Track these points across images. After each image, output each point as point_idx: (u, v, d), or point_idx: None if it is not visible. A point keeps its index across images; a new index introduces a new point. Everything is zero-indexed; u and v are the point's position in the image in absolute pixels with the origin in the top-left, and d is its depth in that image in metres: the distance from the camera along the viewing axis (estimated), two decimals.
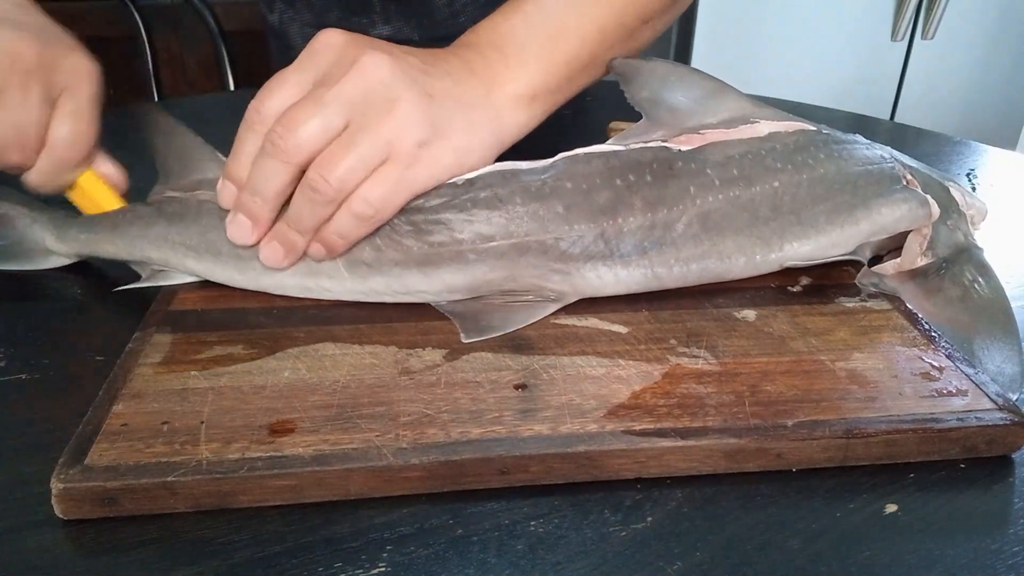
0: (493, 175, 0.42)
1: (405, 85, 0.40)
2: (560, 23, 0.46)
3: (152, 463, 0.31)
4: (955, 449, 0.34)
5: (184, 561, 0.29)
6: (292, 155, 0.38)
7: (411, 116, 0.39)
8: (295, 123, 0.38)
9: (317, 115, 0.38)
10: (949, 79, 1.63)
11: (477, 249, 0.41)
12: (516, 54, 0.45)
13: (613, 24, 0.47)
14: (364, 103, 0.39)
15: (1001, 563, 0.29)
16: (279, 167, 0.39)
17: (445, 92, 0.41)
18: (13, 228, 0.48)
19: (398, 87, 0.39)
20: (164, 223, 0.44)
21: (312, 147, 0.38)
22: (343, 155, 0.38)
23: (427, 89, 0.41)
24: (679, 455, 0.33)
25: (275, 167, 0.39)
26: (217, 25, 1.08)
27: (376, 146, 0.39)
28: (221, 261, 0.43)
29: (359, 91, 0.39)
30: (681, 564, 0.29)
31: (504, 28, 0.46)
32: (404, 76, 0.40)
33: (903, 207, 0.46)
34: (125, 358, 0.37)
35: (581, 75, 0.47)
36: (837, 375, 0.37)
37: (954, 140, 0.78)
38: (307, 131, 0.38)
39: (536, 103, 0.45)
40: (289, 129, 0.38)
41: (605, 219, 0.41)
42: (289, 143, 0.38)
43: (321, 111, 0.38)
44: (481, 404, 0.34)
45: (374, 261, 0.41)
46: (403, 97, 0.39)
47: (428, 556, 0.29)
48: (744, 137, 0.45)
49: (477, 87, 0.43)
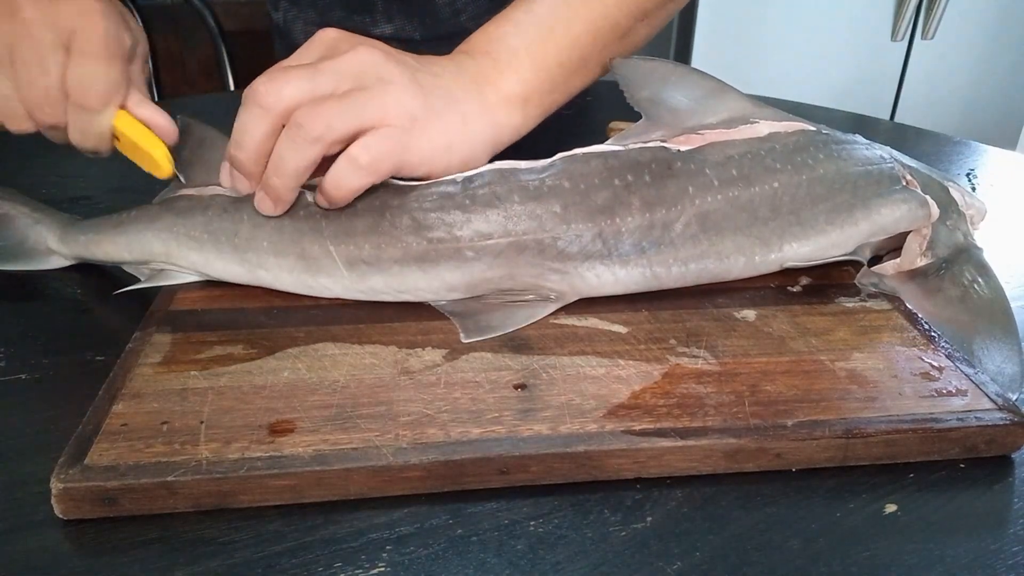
0: (492, 173, 0.42)
1: (398, 72, 0.41)
2: (551, 26, 0.46)
3: (152, 463, 0.31)
4: (955, 449, 0.34)
5: (184, 561, 0.29)
6: (272, 104, 0.38)
7: (404, 93, 0.40)
8: (280, 80, 0.39)
9: (304, 77, 0.39)
10: (949, 79, 1.63)
11: (475, 247, 0.41)
12: (507, 59, 0.45)
13: (607, 24, 0.48)
14: (357, 77, 0.40)
15: (1001, 563, 0.29)
16: (258, 115, 0.39)
17: (437, 87, 0.42)
18: (15, 229, 0.48)
19: (391, 70, 0.41)
20: (171, 216, 0.44)
21: (294, 99, 0.39)
22: (332, 104, 0.39)
23: (419, 81, 0.41)
24: (679, 455, 0.33)
25: (254, 116, 0.39)
26: (217, 25, 1.08)
27: (367, 107, 0.39)
28: (222, 252, 0.43)
29: (353, 68, 0.40)
30: (681, 564, 0.29)
31: (496, 35, 0.46)
32: (397, 64, 0.41)
33: (903, 207, 0.46)
34: (125, 358, 0.37)
35: (575, 76, 0.48)
36: (837, 375, 0.37)
37: (954, 140, 0.78)
38: (291, 86, 0.39)
39: (530, 105, 0.46)
40: (273, 82, 0.39)
41: (603, 219, 0.41)
42: (271, 95, 0.38)
43: (311, 74, 0.39)
44: (481, 404, 0.34)
45: (373, 259, 0.41)
46: (395, 80, 0.40)
47: (428, 556, 0.29)
48: (743, 137, 0.45)
49: (469, 87, 0.44)
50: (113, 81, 0.44)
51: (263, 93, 0.39)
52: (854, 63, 1.56)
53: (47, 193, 0.49)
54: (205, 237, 0.43)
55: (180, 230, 0.44)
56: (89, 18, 0.43)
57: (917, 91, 1.62)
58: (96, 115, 0.44)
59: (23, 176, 0.63)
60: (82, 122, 0.44)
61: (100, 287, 0.47)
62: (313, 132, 0.38)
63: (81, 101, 0.43)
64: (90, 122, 0.44)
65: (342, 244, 0.42)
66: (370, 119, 0.40)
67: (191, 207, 0.44)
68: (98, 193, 0.60)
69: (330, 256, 0.42)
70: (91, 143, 0.45)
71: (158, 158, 0.44)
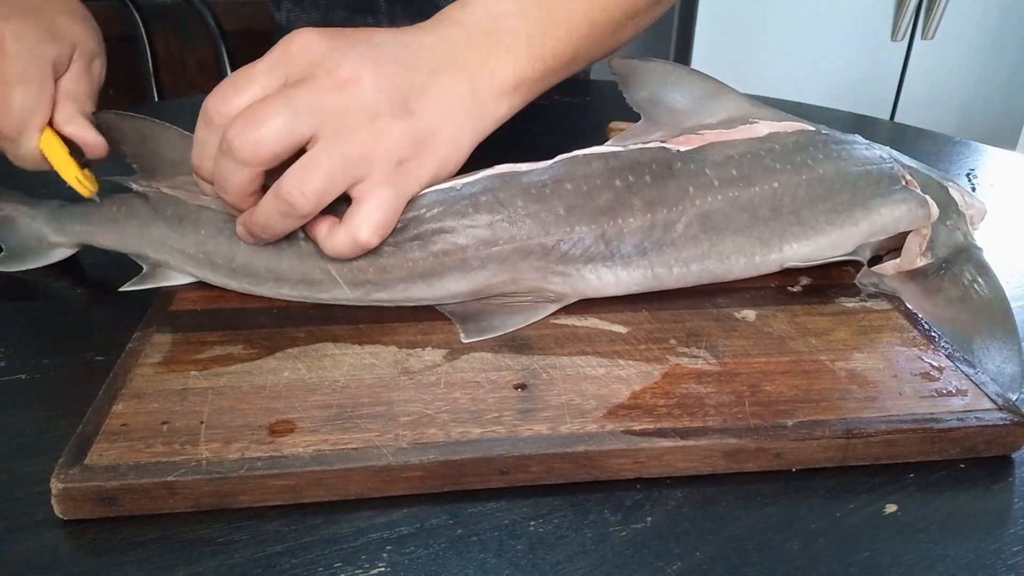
0: (493, 178, 0.42)
1: (386, 101, 0.38)
2: (552, 14, 0.44)
3: (152, 463, 0.31)
4: (955, 449, 0.34)
5: (184, 561, 0.29)
6: (249, 156, 0.36)
7: (390, 134, 0.38)
8: (254, 121, 0.35)
9: (281, 117, 0.36)
10: (949, 79, 1.63)
11: (481, 255, 0.41)
12: (507, 43, 0.43)
13: (603, 18, 0.47)
14: (341, 118, 0.37)
15: (1001, 563, 0.29)
16: (237, 168, 0.36)
17: (428, 101, 0.40)
18: (18, 230, 0.48)
19: (378, 103, 0.38)
20: (163, 226, 0.44)
21: (270, 150, 0.36)
22: (315, 166, 0.36)
23: (408, 103, 0.39)
24: (679, 455, 0.33)
25: (233, 167, 0.36)
26: (217, 25, 1.08)
27: (354, 162, 0.37)
28: (218, 273, 0.43)
29: (336, 106, 0.37)
30: (681, 564, 0.29)
31: (497, 10, 0.43)
32: (384, 90, 0.38)
33: (902, 207, 0.46)
34: (125, 358, 0.37)
35: (565, 68, 0.46)
36: (837, 375, 0.37)
37: (954, 140, 0.78)
38: (267, 131, 0.35)
39: (517, 93, 0.44)
40: (248, 124, 0.35)
41: (606, 220, 0.41)
42: (247, 143, 0.35)
43: (288, 114, 0.36)
44: (481, 404, 0.34)
45: (378, 280, 0.41)
46: (383, 114, 0.38)
47: (428, 556, 0.29)
48: (743, 137, 0.45)
49: (463, 81, 0.41)
50: (20, 108, 0.43)
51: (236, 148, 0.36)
52: (854, 63, 1.56)
53: (47, 193, 0.49)
54: (201, 257, 0.43)
55: (174, 245, 0.43)
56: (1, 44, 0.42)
57: (917, 91, 1.62)
58: (13, 142, 0.44)
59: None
60: (6, 148, 0.44)
61: (100, 287, 0.47)
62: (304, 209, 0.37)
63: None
64: (13, 148, 0.44)
65: (344, 267, 0.41)
66: (358, 175, 0.38)
67: (181, 217, 0.43)
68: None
69: (332, 279, 0.41)
70: (29, 165, 0.45)
71: (71, 182, 0.45)
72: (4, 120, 0.43)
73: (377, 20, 0.80)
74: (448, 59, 0.41)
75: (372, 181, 0.38)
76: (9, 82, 0.42)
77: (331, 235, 0.39)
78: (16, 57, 0.42)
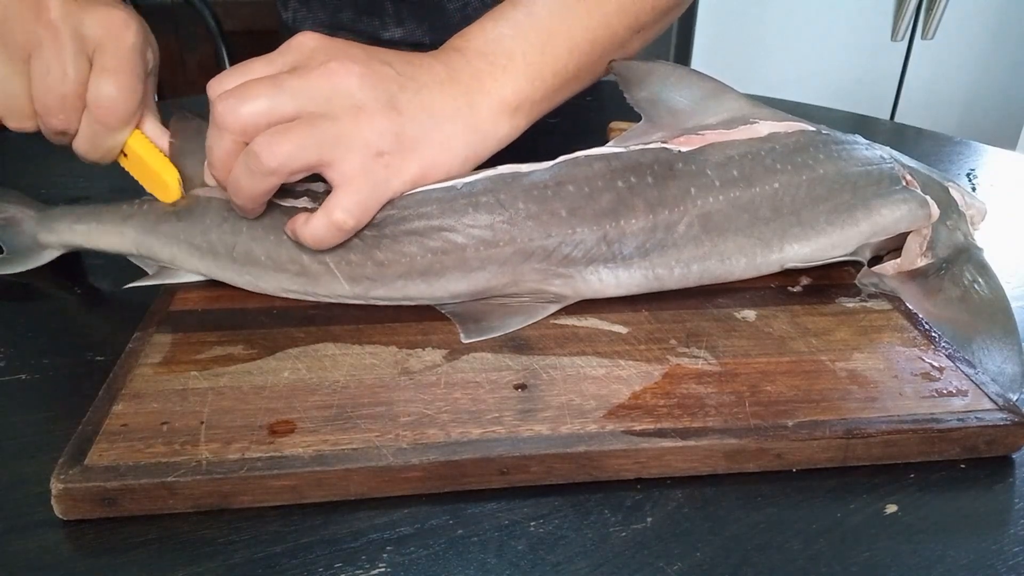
0: (494, 179, 0.42)
1: (372, 96, 0.39)
2: (550, 32, 0.45)
3: (152, 463, 0.31)
4: (955, 449, 0.34)
5: (184, 561, 0.29)
6: (229, 125, 0.37)
7: (375, 126, 0.39)
8: (238, 97, 0.37)
9: (265, 95, 0.37)
10: (949, 79, 1.63)
11: (480, 256, 0.41)
12: (504, 63, 0.43)
13: (606, 34, 0.47)
14: (326, 101, 0.38)
15: (1001, 563, 0.29)
16: (218, 135, 0.38)
17: (418, 106, 0.40)
18: (20, 232, 0.48)
19: (364, 96, 0.39)
20: (174, 219, 0.44)
21: (252, 120, 0.37)
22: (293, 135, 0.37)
23: (397, 104, 0.40)
24: (679, 455, 0.33)
25: (215, 135, 0.38)
26: (217, 25, 1.08)
27: (331, 142, 0.38)
28: (219, 262, 0.43)
29: (323, 90, 0.38)
30: (681, 564, 0.29)
31: (493, 35, 0.44)
32: (373, 88, 0.39)
33: (903, 208, 0.46)
34: (125, 358, 0.37)
35: (567, 86, 0.46)
36: (837, 375, 0.37)
37: (954, 140, 0.78)
38: (249, 106, 0.37)
39: (519, 114, 0.44)
40: (230, 100, 0.37)
41: (608, 222, 0.41)
42: (228, 115, 0.37)
43: (273, 92, 0.38)
44: (481, 404, 0.34)
45: (377, 275, 0.41)
46: (367, 107, 0.39)
47: (428, 556, 0.29)
48: (743, 138, 0.45)
49: (458, 97, 0.42)
50: (136, 101, 0.43)
51: (220, 113, 0.38)
52: (854, 63, 1.56)
53: (47, 193, 0.49)
54: (205, 247, 0.43)
55: (182, 236, 0.43)
56: (118, 32, 0.42)
57: (917, 91, 1.62)
58: (113, 132, 0.43)
59: (24, 176, 0.64)
60: (96, 136, 0.43)
61: (100, 287, 0.47)
62: (269, 165, 0.37)
63: (101, 117, 0.42)
64: (104, 137, 0.43)
65: (343, 260, 0.41)
66: (332, 155, 0.38)
67: (191, 209, 0.44)
68: (98, 193, 0.60)
69: (331, 272, 0.41)
70: (96, 155, 0.44)
71: (169, 182, 0.44)
72: (113, 109, 0.42)
73: (383, 22, 0.80)
74: (444, 77, 0.42)
75: (348, 166, 0.39)
76: (126, 74, 0.42)
77: (308, 221, 0.39)
78: (133, 51, 0.42)
